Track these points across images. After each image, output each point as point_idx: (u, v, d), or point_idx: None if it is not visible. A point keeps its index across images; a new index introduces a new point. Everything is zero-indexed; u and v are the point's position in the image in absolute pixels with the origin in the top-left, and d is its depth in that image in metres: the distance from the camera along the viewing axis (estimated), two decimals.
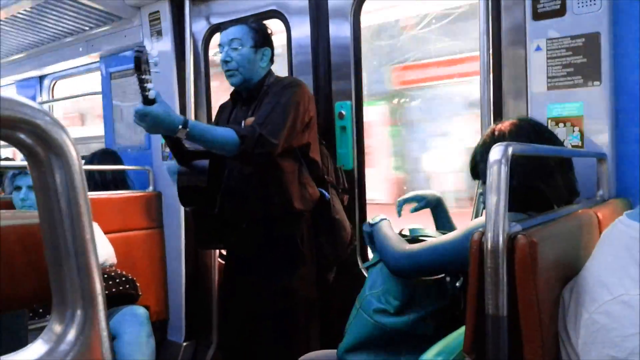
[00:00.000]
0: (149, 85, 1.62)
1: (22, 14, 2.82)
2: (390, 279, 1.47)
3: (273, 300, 1.99)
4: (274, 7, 2.51)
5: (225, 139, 1.78)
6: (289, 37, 2.50)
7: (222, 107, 2.27)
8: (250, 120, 1.92)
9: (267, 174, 1.95)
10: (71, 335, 0.48)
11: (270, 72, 2.10)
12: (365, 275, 2.31)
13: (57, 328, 0.48)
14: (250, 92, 2.07)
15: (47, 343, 0.47)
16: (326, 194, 2.10)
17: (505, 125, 1.36)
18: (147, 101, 1.63)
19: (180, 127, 1.68)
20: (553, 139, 1.39)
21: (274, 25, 2.55)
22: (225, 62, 2.01)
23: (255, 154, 1.82)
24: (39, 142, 0.46)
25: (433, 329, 1.42)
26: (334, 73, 2.42)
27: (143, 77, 1.60)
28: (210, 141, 1.78)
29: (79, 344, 0.48)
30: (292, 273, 1.99)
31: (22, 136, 0.45)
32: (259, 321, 2.04)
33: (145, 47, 1.60)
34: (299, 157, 2.02)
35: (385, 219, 1.61)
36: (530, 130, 1.33)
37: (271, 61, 2.12)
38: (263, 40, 2.06)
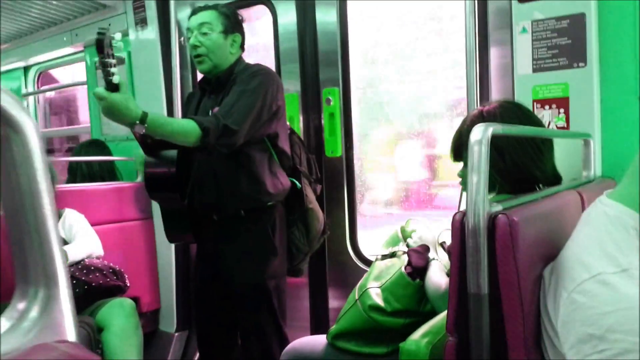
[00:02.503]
0: (112, 70, 1.53)
1: (5, 3, 2.77)
2: (400, 283, 1.45)
3: (244, 293, 1.97)
4: None
5: (186, 131, 1.71)
6: (275, 23, 2.48)
7: (190, 96, 2.21)
8: (217, 110, 1.86)
9: (236, 164, 1.91)
10: (34, 312, 0.48)
11: (240, 59, 2.04)
12: (358, 264, 2.35)
13: (20, 305, 0.48)
14: (219, 79, 2.00)
15: (10, 320, 0.47)
16: (298, 183, 2.07)
17: (493, 106, 1.36)
18: (111, 87, 1.55)
19: (137, 122, 1.60)
20: (537, 121, 1.39)
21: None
22: (194, 46, 1.94)
23: (219, 145, 1.77)
24: (1, 121, 0.46)
25: None
26: (321, 60, 2.41)
27: (106, 60, 1.51)
28: (170, 135, 1.71)
29: (42, 321, 0.48)
30: (263, 265, 1.96)
31: None
32: (233, 313, 2.03)
33: (107, 29, 1.51)
34: (268, 147, 1.97)
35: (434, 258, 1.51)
36: (519, 113, 1.34)
37: (241, 48, 2.05)
38: (233, 26, 1.99)
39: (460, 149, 1.38)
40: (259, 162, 1.93)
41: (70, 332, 0.50)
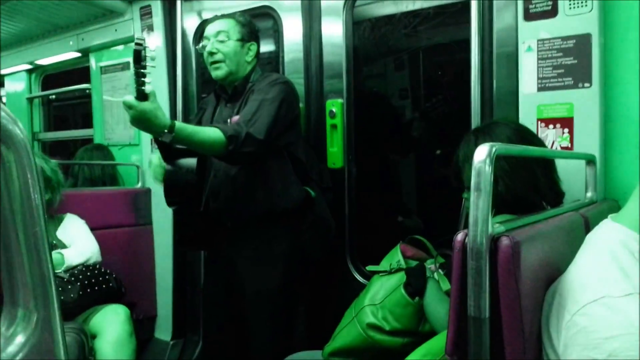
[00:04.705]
0: (146, 80, 1.56)
1: (10, 5, 2.78)
2: (399, 302, 1.43)
3: (255, 300, 1.98)
4: (266, 3, 2.50)
5: (213, 140, 1.72)
6: (280, 34, 2.48)
7: (204, 104, 2.22)
8: (236, 119, 1.88)
9: (252, 173, 1.93)
10: (21, 336, 0.46)
11: (255, 69, 2.07)
12: (357, 278, 2.33)
13: (7, 329, 0.46)
14: (236, 88, 2.03)
15: None
16: (312, 191, 2.08)
17: (488, 128, 1.36)
18: (141, 96, 1.57)
19: (165, 131, 1.62)
20: (535, 141, 1.38)
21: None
22: (211, 53, 1.97)
23: (243, 153, 1.78)
24: None
25: None
26: (325, 71, 2.41)
27: (142, 71, 1.54)
28: (197, 144, 1.72)
29: (29, 345, 0.46)
30: (275, 273, 1.97)
31: None
32: (244, 320, 2.03)
33: (144, 39, 1.54)
34: (285, 155, 1.99)
35: (432, 277, 1.47)
36: (509, 133, 1.33)
37: (257, 58, 2.08)
38: (250, 34, 2.03)
39: (459, 174, 1.37)
40: (275, 171, 1.95)
41: (60, 357, 0.48)
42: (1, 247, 0.46)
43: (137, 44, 1.52)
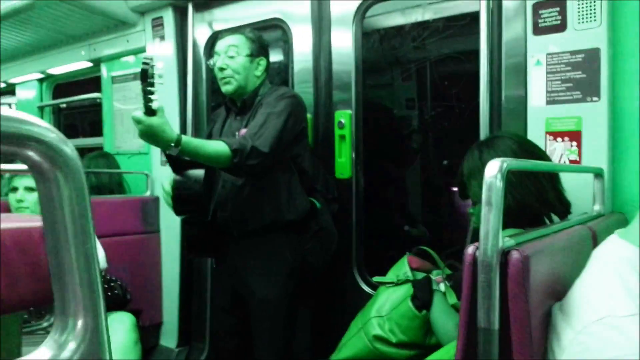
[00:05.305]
0: (153, 97, 1.61)
1: (24, 15, 2.82)
2: (406, 314, 1.44)
3: (262, 308, 1.99)
4: (277, 15, 2.52)
5: (218, 153, 1.75)
6: (290, 45, 2.51)
7: (215, 116, 2.27)
8: (244, 132, 1.92)
9: (259, 184, 1.96)
10: (73, 344, 0.50)
11: (265, 83, 2.11)
12: (364, 288, 2.33)
13: (60, 336, 0.50)
14: (245, 101, 2.07)
15: (50, 350, 0.49)
16: (317, 202, 2.10)
17: (491, 142, 1.36)
18: (149, 111, 1.62)
19: (172, 145, 1.66)
20: (539, 153, 1.39)
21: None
22: (221, 69, 2.02)
23: (248, 166, 1.81)
24: (46, 158, 0.47)
25: None
26: (335, 82, 2.42)
27: (149, 88, 1.59)
28: (202, 157, 1.76)
29: (80, 352, 0.50)
30: (279, 282, 1.99)
31: (29, 153, 0.46)
32: (250, 328, 2.05)
33: (152, 58, 1.59)
34: (291, 167, 2.02)
35: (438, 290, 1.46)
36: (513, 147, 1.34)
37: (266, 72, 2.12)
38: (259, 50, 2.07)
39: (464, 187, 1.38)
40: (281, 182, 1.98)
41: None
42: (54, 262, 0.49)
43: (144, 63, 1.57)
